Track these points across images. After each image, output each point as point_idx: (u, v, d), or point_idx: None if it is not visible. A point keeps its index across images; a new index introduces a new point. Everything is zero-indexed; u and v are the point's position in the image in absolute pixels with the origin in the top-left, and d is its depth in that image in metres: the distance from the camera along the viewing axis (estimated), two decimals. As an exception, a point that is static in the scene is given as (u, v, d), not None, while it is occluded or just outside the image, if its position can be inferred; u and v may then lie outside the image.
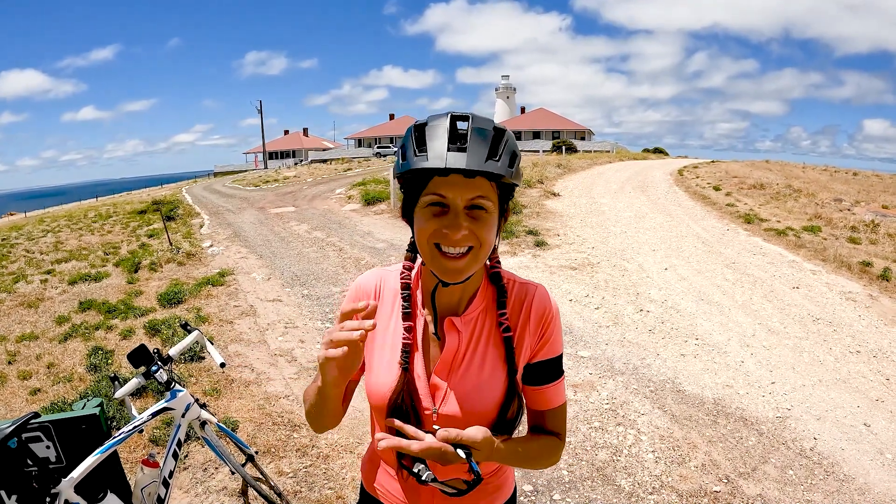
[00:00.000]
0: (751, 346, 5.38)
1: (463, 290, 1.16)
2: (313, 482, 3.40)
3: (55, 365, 5.19)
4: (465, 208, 1.02)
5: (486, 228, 1.03)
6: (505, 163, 0.98)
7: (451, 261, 1.03)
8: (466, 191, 1.00)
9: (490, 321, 1.17)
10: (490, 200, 1.02)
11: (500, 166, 0.97)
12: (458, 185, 1.00)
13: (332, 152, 61.55)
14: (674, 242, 9.60)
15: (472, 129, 0.98)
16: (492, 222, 1.04)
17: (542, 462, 1.18)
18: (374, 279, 1.23)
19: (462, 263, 1.03)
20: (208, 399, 4.37)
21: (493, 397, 1.13)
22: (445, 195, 1.01)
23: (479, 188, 1.01)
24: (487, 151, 0.97)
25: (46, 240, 12.40)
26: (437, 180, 1.01)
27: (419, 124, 1.03)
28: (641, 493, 3.31)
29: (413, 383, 1.14)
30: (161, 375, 2.31)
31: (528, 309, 1.16)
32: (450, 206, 1.02)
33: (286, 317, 6.30)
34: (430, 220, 1.03)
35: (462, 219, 1.01)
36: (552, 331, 1.17)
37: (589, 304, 6.53)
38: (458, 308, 1.17)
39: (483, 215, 1.03)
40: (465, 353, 1.15)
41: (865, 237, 9.93)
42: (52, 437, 2.24)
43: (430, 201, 1.03)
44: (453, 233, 1.00)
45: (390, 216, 12.31)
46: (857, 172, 30.09)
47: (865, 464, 3.61)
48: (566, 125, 63.85)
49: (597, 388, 4.59)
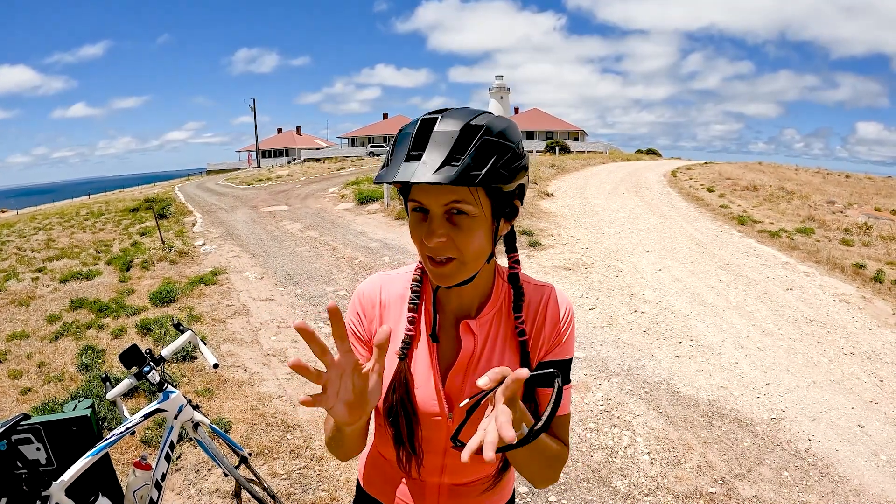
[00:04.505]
0: (745, 347, 5.39)
1: (474, 292, 1.12)
2: (307, 484, 3.37)
3: (46, 364, 5.13)
4: (445, 214, 0.97)
5: (467, 235, 0.97)
6: (467, 164, 0.89)
7: (437, 267, 1.00)
8: (441, 196, 0.96)
9: (504, 324, 1.14)
10: (470, 204, 0.96)
11: (457, 170, 0.89)
12: (431, 192, 0.96)
13: (326, 151, 61.37)
14: (668, 243, 9.62)
15: (433, 135, 0.92)
16: (475, 228, 0.98)
17: (552, 467, 1.11)
18: (376, 286, 1.19)
19: (447, 270, 1.00)
20: (201, 400, 4.34)
21: None
22: (421, 201, 0.98)
23: (453, 193, 0.95)
24: (445, 157, 0.90)
25: (38, 237, 12.29)
26: (413, 188, 0.99)
27: (399, 131, 0.99)
28: (637, 495, 3.31)
29: (410, 379, 1.11)
30: (153, 376, 2.28)
31: (543, 311, 1.13)
32: (429, 211, 0.98)
33: (279, 316, 6.26)
34: (416, 227, 1.01)
35: (437, 225, 0.97)
36: (566, 332, 1.14)
37: (583, 304, 6.53)
38: (471, 310, 1.14)
39: (464, 221, 0.97)
40: (481, 356, 1.12)
41: (858, 239, 9.98)
42: (42, 438, 2.20)
43: (412, 207, 1.01)
44: (428, 240, 0.97)
45: (384, 215, 12.28)
46: (850, 175, 30.28)
47: (860, 465, 3.62)
48: (560, 125, 63.99)
49: (592, 389, 4.58)
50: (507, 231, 1.12)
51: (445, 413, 1.12)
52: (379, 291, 1.18)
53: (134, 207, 15.61)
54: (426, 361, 1.13)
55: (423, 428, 1.13)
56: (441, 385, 1.12)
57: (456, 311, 1.14)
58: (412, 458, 1.15)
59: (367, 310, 1.17)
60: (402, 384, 1.10)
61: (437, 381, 1.12)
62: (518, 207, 1.06)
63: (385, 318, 1.16)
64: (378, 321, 1.16)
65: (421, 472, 1.19)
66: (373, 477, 1.30)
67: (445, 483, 1.21)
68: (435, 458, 1.17)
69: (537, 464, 1.05)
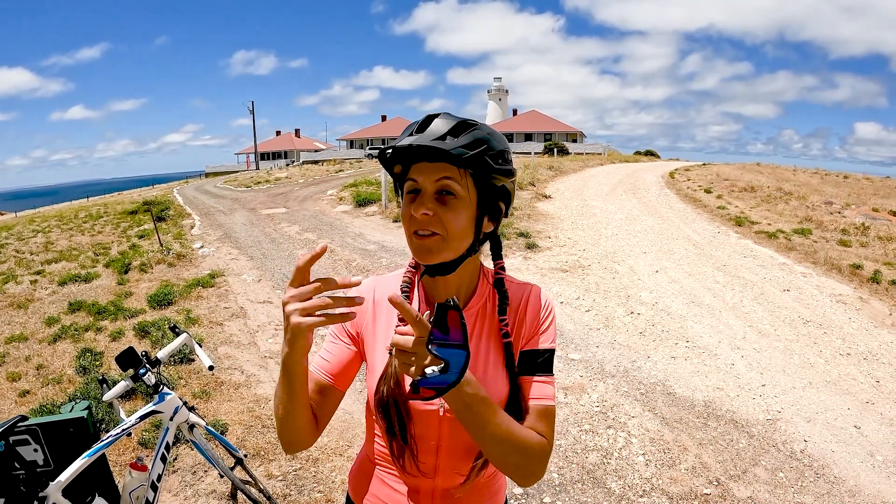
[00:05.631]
0: (741, 348, 5.41)
1: (459, 285, 1.19)
2: (303, 485, 3.38)
3: (44, 367, 5.14)
4: (435, 193, 1.07)
5: (452, 213, 1.07)
6: (460, 143, 1.02)
7: (421, 240, 1.07)
8: (433, 173, 1.06)
9: (489, 321, 1.20)
10: (458, 184, 1.06)
11: (450, 144, 1.01)
12: (426, 170, 1.07)
13: (324, 153, 61.43)
14: (665, 245, 9.64)
15: (434, 122, 1.05)
16: (461, 208, 1.07)
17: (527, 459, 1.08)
18: (370, 287, 1.26)
19: (429, 242, 1.07)
20: (197, 402, 4.35)
21: (498, 393, 1.13)
22: (416, 178, 1.08)
23: (444, 171, 1.06)
24: (443, 133, 1.03)
25: (36, 240, 12.30)
26: (412, 167, 1.09)
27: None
28: (632, 496, 3.32)
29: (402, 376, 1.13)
30: (149, 378, 2.30)
31: (524, 306, 1.20)
32: (421, 189, 1.08)
33: (276, 319, 6.27)
34: (407, 207, 1.09)
35: (427, 199, 1.07)
36: (545, 323, 1.19)
37: (580, 306, 6.54)
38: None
39: (451, 200, 1.07)
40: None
41: (856, 240, 10.00)
42: (39, 440, 2.22)
43: (408, 188, 1.10)
44: (416, 211, 1.06)
45: (382, 218, 12.29)
46: (848, 175, 30.29)
47: (856, 466, 3.63)
48: (558, 127, 63.99)
49: (587, 390, 4.60)
50: (492, 233, 1.19)
51: (437, 402, 1.14)
52: (372, 291, 1.24)
53: (132, 210, 15.61)
54: None
55: (415, 424, 1.15)
56: None
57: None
58: (405, 451, 1.16)
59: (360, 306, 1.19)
60: (393, 376, 1.13)
61: None
62: (503, 210, 1.16)
63: (378, 317, 1.21)
64: (372, 320, 1.21)
65: (410, 474, 1.19)
66: (365, 488, 1.29)
67: (439, 487, 1.21)
68: (428, 458, 1.18)
69: (509, 453, 1.05)
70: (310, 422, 1.12)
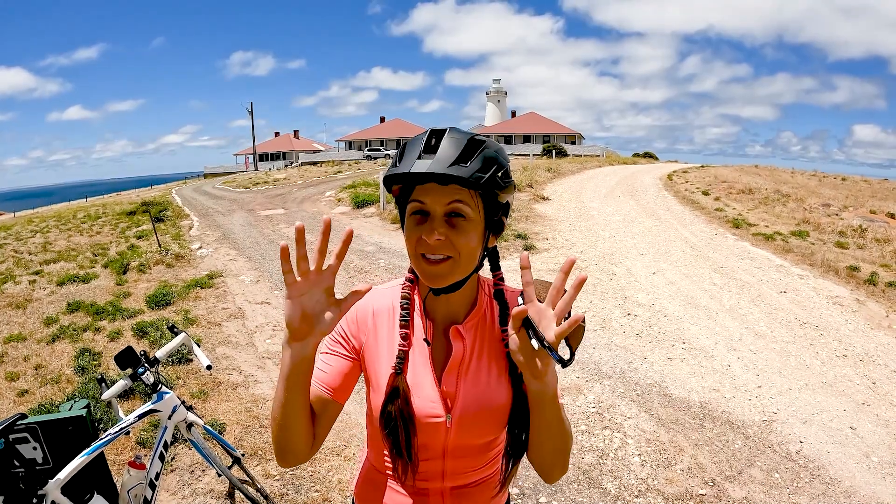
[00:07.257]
0: (738, 350, 5.42)
1: (461, 300, 1.18)
2: (300, 485, 3.40)
3: (43, 366, 5.15)
4: (444, 215, 1.05)
5: (463, 236, 1.05)
6: (475, 168, 1.00)
7: (432, 266, 1.06)
8: (443, 196, 1.04)
9: (489, 331, 1.19)
10: (469, 207, 1.04)
11: (467, 170, 0.99)
12: (434, 192, 1.04)
13: (323, 154, 61.44)
14: (662, 247, 9.66)
15: (445, 139, 1.02)
16: (471, 230, 1.06)
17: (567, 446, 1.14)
18: (368, 298, 1.22)
19: (441, 268, 1.06)
20: (195, 401, 4.36)
21: (501, 401, 1.15)
22: (424, 201, 1.05)
23: (455, 193, 1.03)
24: (456, 157, 1.00)
25: (35, 240, 12.30)
26: (418, 189, 1.06)
27: (406, 141, 1.08)
28: (627, 497, 3.33)
29: (407, 389, 1.13)
30: (147, 377, 2.31)
31: None
32: (429, 212, 1.05)
33: (274, 319, 6.28)
34: (413, 229, 1.07)
35: (438, 224, 1.04)
36: None
37: (577, 307, 6.55)
38: (459, 317, 1.19)
39: (461, 223, 1.05)
40: (471, 359, 1.17)
41: (853, 242, 10.04)
42: (38, 438, 2.23)
43: (413, 209, 1.07)
44: (429, 236, 1.04)
45: (380, 219, 12.31)
46: (846, 178, 30.39)
47: (851, 467, 3.64)
48: (557, 129, 64.09)
49: (584, 391, 4.61)
50: (492, 249, 1.19)
51: (444, 414, 1.15)
52: (371, 303, 1.22)
53: (131, 211, 15.62)
54: (423, 365, 1.17)
55: (420, 434, 1.15)
56: (438, 385, 1.16)
57: (444, 318, 1.20)
58: (408, 467, 1.16)
59: (362, 319, 1.20)
60: (399, 394, 1.13)
61: (434, 381, 1.16)
62: (504, 223, 1.15)
63: (378, 329, 1.20)
64: (373, 332, 1.20)
65: (418, 479, 1.20)
66: (369, 494, 1.30)
67: (448, 487, 1.23)
68: (435, 464, 1.20)
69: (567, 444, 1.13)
70: (309, 432, 1.11)
